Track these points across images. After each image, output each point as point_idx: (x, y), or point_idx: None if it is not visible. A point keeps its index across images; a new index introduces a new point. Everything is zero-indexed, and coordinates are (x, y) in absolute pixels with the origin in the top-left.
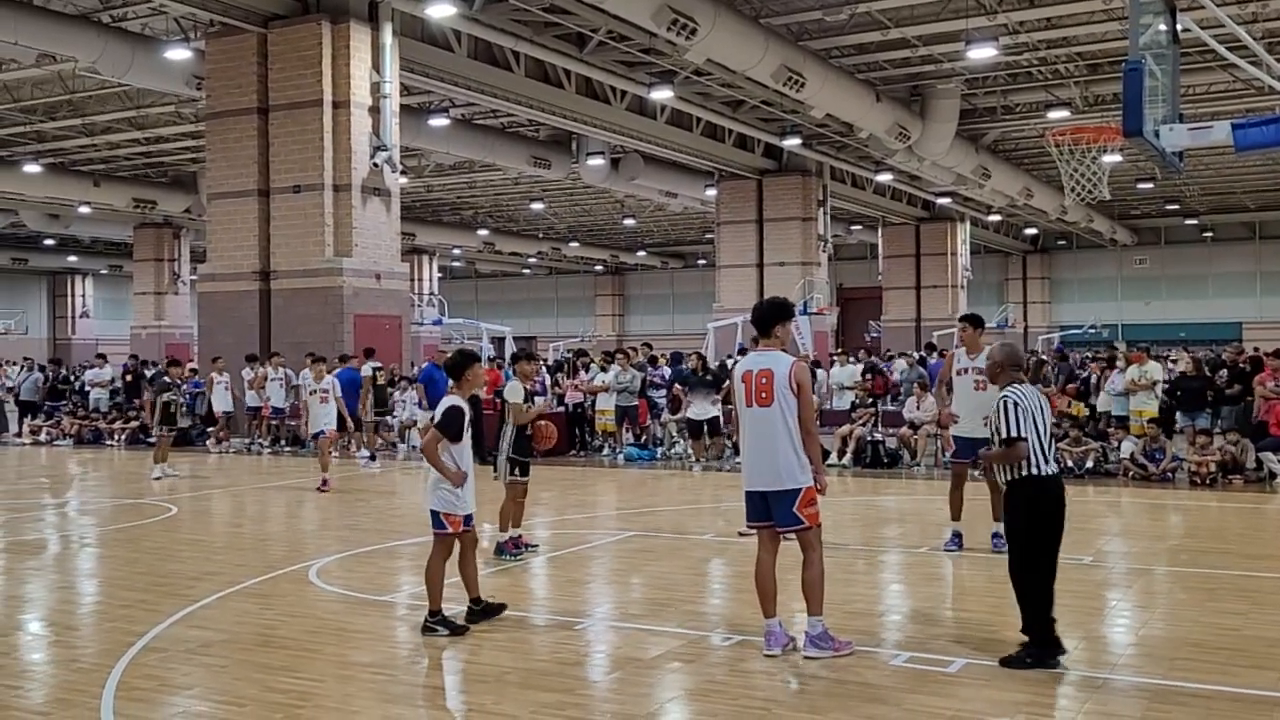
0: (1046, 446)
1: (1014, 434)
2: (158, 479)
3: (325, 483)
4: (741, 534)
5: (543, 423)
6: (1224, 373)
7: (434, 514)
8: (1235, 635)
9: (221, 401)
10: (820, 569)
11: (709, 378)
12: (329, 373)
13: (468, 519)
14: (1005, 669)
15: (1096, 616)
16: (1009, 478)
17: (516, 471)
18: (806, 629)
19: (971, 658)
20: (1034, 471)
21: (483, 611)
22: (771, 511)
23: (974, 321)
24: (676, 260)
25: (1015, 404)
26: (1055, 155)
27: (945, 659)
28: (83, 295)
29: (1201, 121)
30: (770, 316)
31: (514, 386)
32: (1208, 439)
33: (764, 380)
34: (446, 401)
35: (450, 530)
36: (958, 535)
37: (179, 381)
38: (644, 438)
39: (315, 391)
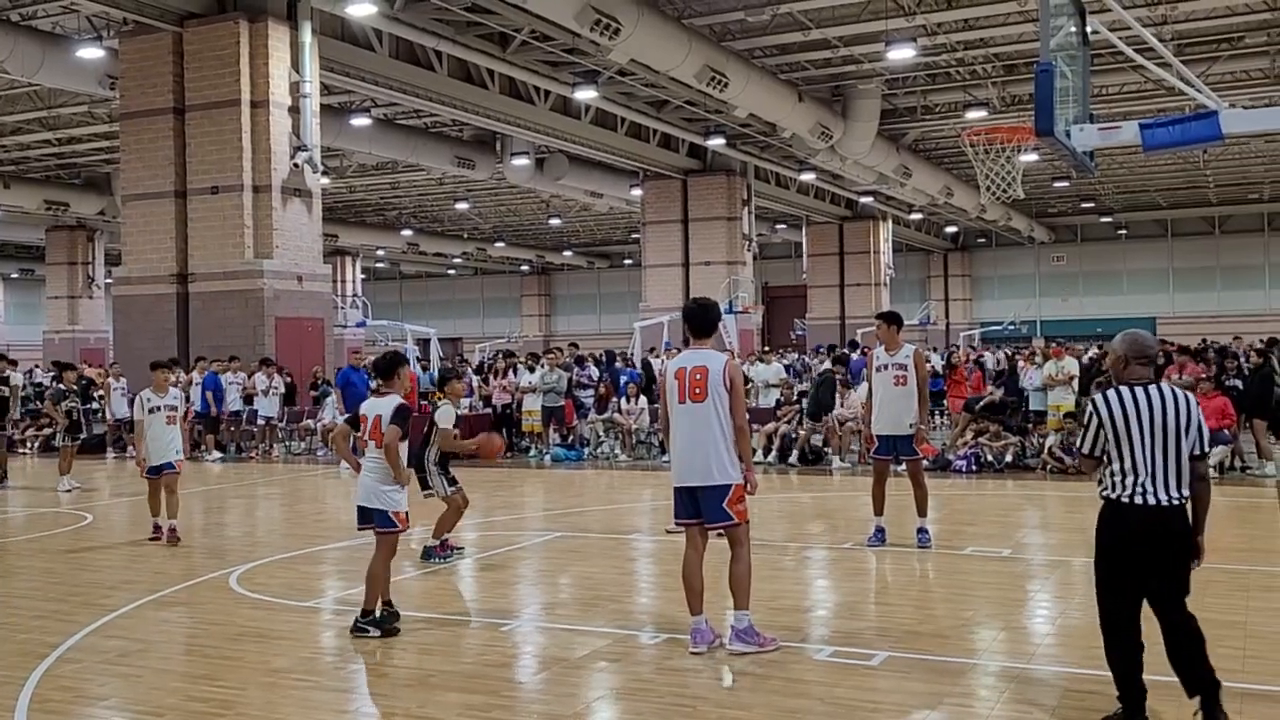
0: (1151, 467)
1: (1083, 449)
2: (67, 491)
3: (172, 531)
4: (669, 531)
5: (480, 440)
6: None
7: (381, 513)
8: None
9: (119, 407)
10: (748, 564)
11: None
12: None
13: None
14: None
15: (1016, 607)
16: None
17: (449, 482)
18: (733, 623)
19: (894, 651)
20: (1112, 494)
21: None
22: (701, 508)
23: (890, 319)
24: (603, 260)
25: (1095, 412)
26: (971, 155)
27: (869, 652)
28: None
29: (1113, 122)
30: (707, 317)
31: (446, 412)
32: None
33: (698, 377)
34: (392, 402)
35: (400, 528)
36: (880, 530)
37: (73, 387)
38: (570, 438)
39: (158, 409)
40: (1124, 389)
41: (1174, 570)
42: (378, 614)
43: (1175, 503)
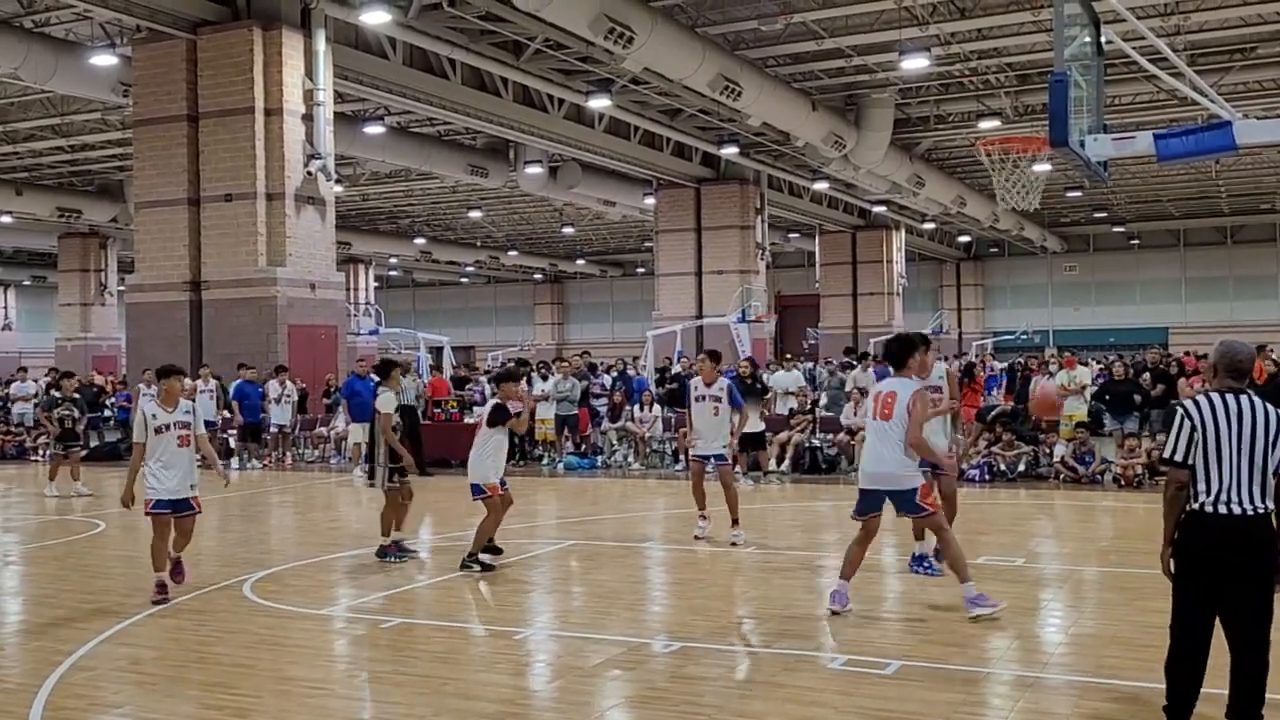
0: (1236, 475)
1: (1166, 454)
2: (54, 497)
3: (178, 564)
4: (697, 538)
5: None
6: (1147, 376)
7: (476, 486)
8: (1160, 633)
9: None
10: (956, 546)
11: (758, 386)
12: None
13: (502, 483)
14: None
15: (1029, 616)
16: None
17: (395, 478)
18: (964, 592)
19: (907, 659)
20: (1196, 506)
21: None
22: (896, 506)
23: (926, 344)
24: (616, 269)
25: (1185, 417)
26: (986, 164)
27: (882, 661)
28: (4, 307)
29: (1126, 132)
30: (904, 353)
31: (385, 398)
32: (1135, 442)
33: (889, 400)
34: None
35: (489, 494)
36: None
37: (71, 395)
38: (584, 446)
39: (167, 428)
40: (1214, 395)
41: (1257, 580)
42: (479, 555)
43: (1259, 512)
